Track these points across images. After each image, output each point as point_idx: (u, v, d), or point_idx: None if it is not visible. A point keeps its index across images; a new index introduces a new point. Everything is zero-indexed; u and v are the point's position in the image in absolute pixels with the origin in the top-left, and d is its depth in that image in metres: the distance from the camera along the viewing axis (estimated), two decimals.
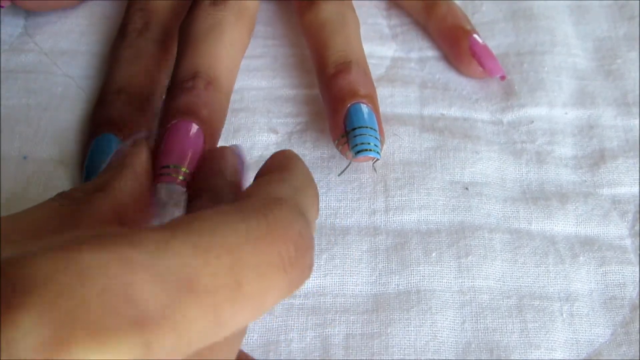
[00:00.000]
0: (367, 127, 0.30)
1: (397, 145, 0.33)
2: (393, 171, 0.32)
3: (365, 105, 0.31)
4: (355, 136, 0.30)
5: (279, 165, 0.23)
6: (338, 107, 0.31)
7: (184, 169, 0.27)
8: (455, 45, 0.37)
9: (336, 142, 0.31)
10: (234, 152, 0.27)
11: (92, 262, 0.15)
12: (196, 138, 0.28)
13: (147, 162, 0.26)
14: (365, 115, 0.31)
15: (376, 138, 0.30)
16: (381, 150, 0.31)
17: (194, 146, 0.28)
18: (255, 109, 0.35)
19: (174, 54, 0.35)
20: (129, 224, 0.24)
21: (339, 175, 0.32)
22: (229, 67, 0.30)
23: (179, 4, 0.36)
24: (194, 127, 0.28)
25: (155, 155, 0.28)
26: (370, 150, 0.30)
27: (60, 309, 0.14)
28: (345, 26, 0.34)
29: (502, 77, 0.36)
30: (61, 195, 0.23)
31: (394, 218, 0.31)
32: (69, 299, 0.14)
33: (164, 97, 0.35)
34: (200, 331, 0.16)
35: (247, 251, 0.17)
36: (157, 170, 0.27)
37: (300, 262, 0.19)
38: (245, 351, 0.27)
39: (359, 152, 0.30)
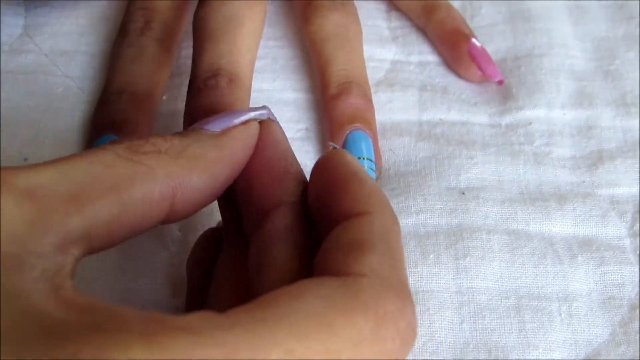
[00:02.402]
0: (363, 159, 0.31)
1: (392, 161, 0.34)
2: (389, 184, 0.33)
3: (363, 133, 0.32)
4: None
5: (356, 198, 0.20)
6: (336, 133, 0.32)
7: None
8: (454, 48, 0.37)
9: None
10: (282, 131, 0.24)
11: None
12: None
13: (246, 152, 0.23)
14: (363, 145, 0.32)
15: (372, 169, 0.31)
16: (378, 178, 0.32)
17: None
18: None
19: (175, 53, 0.35)
20: (178, 210, 0.21)
21: None
22: (249, 60, 0.30)
23: (181, 3, 0.36)
24: None
25: None
26: None
27: None
28: (349, 42, 0.35)
29: (500, 82, 0.36)
30: (130, 146, 0.20)
31: None
32: None
33: (164, 97, 0.35)
34: None
35: (346, 355, 0.16)
36: None
37: (402, 354, 0.17)
38: None
39: None
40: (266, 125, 0.24)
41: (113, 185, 0.19)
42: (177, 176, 0.20)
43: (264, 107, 0.24)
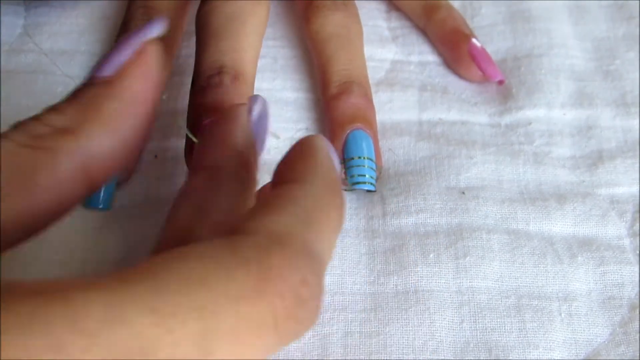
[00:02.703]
0: (364, 158, 0.31)
1: (392, 160, 0.34)
2: (389, 183, 0.33)
3: (363, 132, 0.32)
4: (351, 167, 0.31)
5: (294, 168, 0.20)
6: (337, 132, 0.32)
7: None
8: (455, 49, 0.37)
9: None
10: (252, 108, 0.23)
11: (21, 353, 0.13)
12: None
13: (152, 86, 0.20)
14: (364, 145, 0.32)
15: (372, 169, 0.31)
16: (378, 178, 0.32)
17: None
18: None
19: (176, 52, 0.35)
20: (99, 179, 0.19)
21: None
22: (252, 57, 0.30)
23: (181, 2, 0.36)
24: None
25: (188, 155, 0.28)
26: (366, 182, 0.31)
27: None
28: (350, 42, 0.35)
29: (501, 82, 0.36)
30: (24, 131, 0.18)
31: (392, 222, 0.31)
32: None
33: (164, 96, 0.35)
34: None
35: (225, 315, 0.15)
36: None
37: (299, 314, 0.16)
38: None
39: (354, 184, 0.31)
40: None
41: (15, 176, 0.18)
42: (83, 151, 0.19)
43: (158, 22, 0.21)
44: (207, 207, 0.19)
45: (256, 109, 0.24)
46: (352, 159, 0.31)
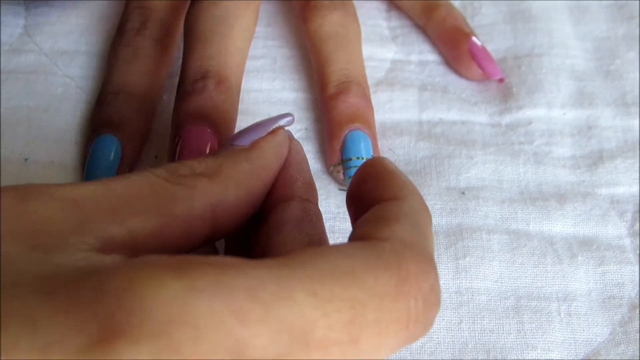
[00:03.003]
0: (363, 158, 0.31)
1: (392, 160, 0.34)
2: None
3: (362, 133, 0.32)
4: (350, 167, 0.31)
5: (387, 187, 0.21)
6: (335, 133, 0.32)
7: None
8: (455, 47, 0.37)
9: (331, 168, 0.32)
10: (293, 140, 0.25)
11: (207, 315, 0.14)
12: (210, 142, 0.28)
13: (278, 160, 0.24)
14: (362, 145, 0.32)
15: None
16: None
17: (211, 150, 0.28)
18: (255, 112, 0.35)
19: (173, 52, 0.35)
20: (221, 226, 0.22)
21: (339, 189, 0.32)
22: (238, 62, 0.31)
23: (178, 2, 0.36)
24: (208, 132, 0.28)
25: (171, 160, 0.28)
26: None
27: None
28: (348, 42, 0.35)
29: (501, 80, 0.36)
30: (167, 168, 0.21)
31: None
32: (181, 355, 0.13)
33: (164, 97, 0.35)
34: None
35: (371, 307, 0.16)
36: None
37: (425, 317, 0.18)
38: None
39: None
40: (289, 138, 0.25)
41: (154, 203, 0.20)
42: (215, 194, 0.21)
43: (288, 114, 0.25)
44: (312, 237, 0.22)
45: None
46: (351, 159, 0.31)
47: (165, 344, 0.13)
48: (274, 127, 0.24)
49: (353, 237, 0.19)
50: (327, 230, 0.30)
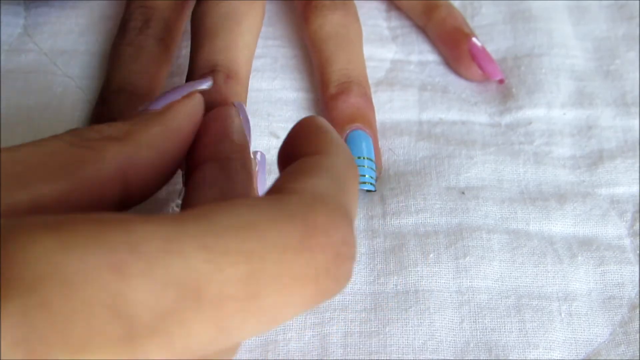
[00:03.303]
0: (364, 158, 0.31)
1: (392, 160, 0.34)
2: (389, 183, 0.33)
3: (363, 132, 0.32)
4: None
5: (312, 142, 0.21)
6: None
7: None
8: (455, 48, 0.37)
9: None
10: (238, 111, 0.25)
11: (81, 268, 0.13)
12: None
13: (192, 123, 0.23)
14: (363, 145, 0.32)
15: (372, 169, 0.31)
16: (378, 178, 0.32)
17: None
18: (255, 111, 0.35)
19: (175, 52, 0.35)
20: (134, 191, 0.21)
21: None
22: (246, 57, 0.31)
23: (180, 2, 0.36)
24: None
25: None
26: (366, 183, 0.31)
27: (40, 323, 0.13)
28: (349, 42, 0.35)
29: (501, 81, 0.37)
30: (73, 133, 0.21)
31: (392, 222, 0.31)
32: (51, 312, 0.13)
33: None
34: (200, 343, 0.15)
35: (272, 261, 0.15)
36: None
37: (337, 271, 0.17)
38: (244, 351, 0.27)
39: None
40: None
41: (59, 167, 0.19)
42: (124, 156, 0.21)
43: (208, 79, 0.25)
44: (227, 194, 0.21)
45: (241, 114, 0.26)
46: None
47: (35, 301, 0.13)
48: (189, 91, 0.24)
49: (268, 191, 0.19)
50: None
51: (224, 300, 0.15)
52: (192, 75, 0.29)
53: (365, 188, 0.31)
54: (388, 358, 0.27)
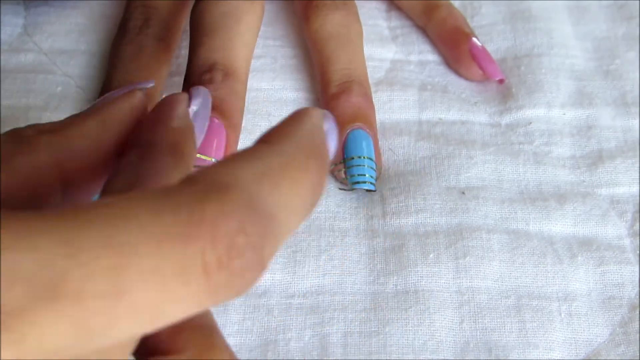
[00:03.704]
0: (364, 157, 0.31)
1: (392, 160, 0.34)
2: (389, 183, 0.33)
3: (363, 132, 0.32)
4: (352, 166, 0.31)
5: (274, 130, 0.20)
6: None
7: (212, 159, 0.28)
8: (455, 47, 0.37)
9: (332, 167, 0.32)
10: (192, 97, 0.25)
11: None
12: (219, 132, 0.28)
13: (131, 115, 0.22)
14: (363, 144, 0.32)
15: (372, 168, 0.31)
16: (378, 178, 0.32)
17: (218, 141, 0.28)
18: (256, 111, 0.35)
19: (174, 51, 0.35)
20: (75, 181, 0.21)
21: (339, 188, 0.32)
22: (245, 55, 0.30)
23: (180, 2, 0.36)
24: (216, 122, 0.28)
25: None
26: (365, 182, 0.31)
27: None
28: (350, 42, 0.35)
29: (501, 81, 0.37)
30: (12, 131, 0.20)
31: (392, 222, 0.31)
32: None
33: (164, 96, 0.35)
34: (57, 343, 0.14)
35: (144, 252, 0.14)
36: None
37: (235, 264, 0.15)
38: (243, 351, 0.27)
39: (354, 183, 0.31)
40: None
41: None
42: (57, 145, 0.20)
43: (150, 82, 0.25)
44: (142, 180, 0.20)
45: (197, 99, 0.25)
46: (352, 158, 0.31)
47: None
48: (128, 89, 0.23)
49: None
50: (326, 229, 0.31)
51: (84, 297, 0.13)
52: (191, 73, 0.29)
53: (366, 187, 0.31)
54: (388, 358, 0.27)
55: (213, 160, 0.28)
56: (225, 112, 0.29)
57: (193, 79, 0.29)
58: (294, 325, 0.28)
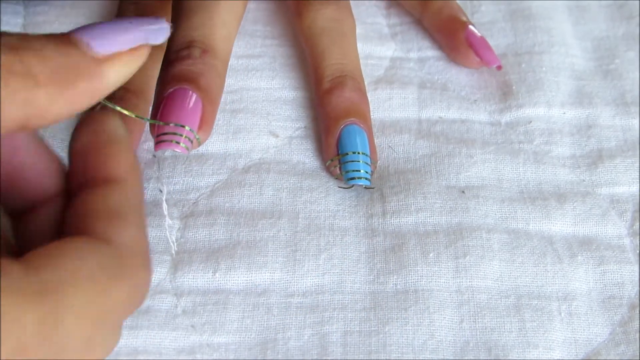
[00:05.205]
0: (359, 153, 0.31)
1: (392, 158, 0.34)
2: (388, 181, 0.32)
3: (357, 127, 0.32)
4: (347, 162, 0.31)
5: (106, 163, 0.21)
6: (331, 128, 0.32)
7: (187, 128, 0.27)
8: (452, 36, 0.37)
9: (328, 163, 0.32)
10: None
11: None
12: (195, 105, 0.28)
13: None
14: (358, 139, 0.32)
15: (367, 164, 0.31)
16: (373, 172, 0.32)
17: (193, 112, 0.28)
18: (255, 110, 0.35)
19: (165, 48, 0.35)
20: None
21: (338, 187, 0.32)
22: (225, 35, 0.30)
23: None
24: (192, 94, 0.28)
25: (152, 125, 0.28)
26: (361, 178, 0.31)
27: None
28: (343, 36, 0.35)
29: (499, 67, 0.36)
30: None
31: (391, 221, 0.31)
32: None
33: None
34: None
35: (117, 315, 0.20)
36: (156, 137, 0.27)
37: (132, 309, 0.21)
38: (243, 350, 0.27)
39: (350, 179, 0.31)
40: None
41: None
42: (33, 105, 0.19)
43: (161, 20, 0.22)
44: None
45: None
46: (347, 154, 0.31)
47: None
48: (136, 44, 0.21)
49: (82, 228, 0.20)
50: (326, 228, 0.31)
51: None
52: (169, 51, 0.29)
53: (361, 183, 0.31)
54: (388, 357, 0.27)
55: (187, 128, 0.28)
56: (202, 86, 0.28)
57: (170, 55, 0.29)
58: (294, 324, 0.28)
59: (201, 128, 0.29)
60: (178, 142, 0.27)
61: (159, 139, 0.28)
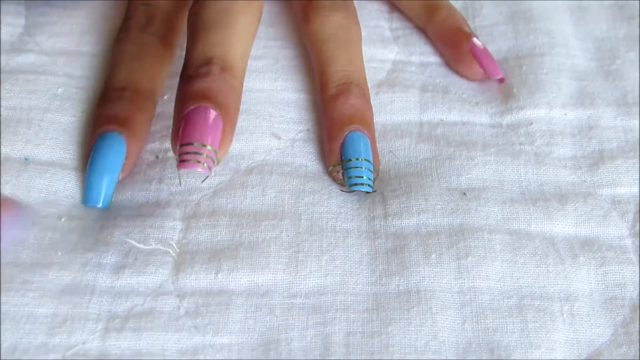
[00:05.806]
0: (362, 160, 0.31)
1: (393, 162, 0.34)
2: (390, 184, 0.33)
3: (361, 134, 0.32)
4: (349, 168, 0.31)
5: None
6: (335, 134, 0.32)
7: (209, 147, 0.27)
8: (456, 47, 0.37)
9: (330, 168, 0.32)
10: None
11: None
12: (215, 123, 0.28)
13: None
14: (361, 146, 0.32)
15: (370, 171, 0.32)
16: (376, 179, 0.32)
17: (214, 131, 0.28)
18: (257, 112, 0.35)
19: (176, 51, 0.35)
20: None
21: (341, 190, 0.32)
22: (242, 53, 0.30)
23: (181, 1, 0.36)
24: (213, 113, 0.28)
25: (173, 142, 0.28)
26: (364, 184, 0.31)
27: None
28: (349, 43, 0.35)
29: (501, 80, 0.37)
30: None
31: (393, 223, 0.31)
32: None
33: (165, 96, 0.35)
34: None
35: None
36: (179, 156, 0.27)
37: None
38: (245, 350, 0.27)
39: (352, 185, 0.31)
40: None
41: None
42: None
43: None
44: None
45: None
46: (350, 160, 0.31)
47: None
48: None
49: None
50: (328, 230, 0.31)
51: None
52: (188, 66, 0.29)
53: (364, 189, 0.31)
54: (390, 358, 0.27)
55: (209, 147, 0.27)
56: (222, 104, 0.28)
57: (190, 72, 0.29)
58: (296, 325, 0.28)
59: (221, 147, 0.29)
60: (200, 162, 0.27)
61: (183, 158, 0.27)
